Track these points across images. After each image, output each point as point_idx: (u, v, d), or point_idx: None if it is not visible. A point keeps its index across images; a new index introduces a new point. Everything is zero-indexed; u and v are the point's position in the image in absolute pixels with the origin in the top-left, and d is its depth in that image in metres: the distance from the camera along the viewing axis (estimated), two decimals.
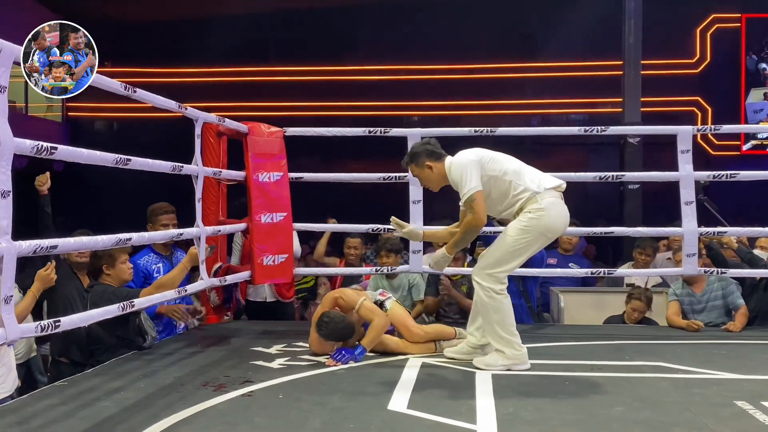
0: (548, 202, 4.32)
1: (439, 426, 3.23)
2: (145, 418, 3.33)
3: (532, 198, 4.31)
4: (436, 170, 4.46)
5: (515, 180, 4.35)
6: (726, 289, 5.76)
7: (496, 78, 14.86)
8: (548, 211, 4.31)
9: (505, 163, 4.40)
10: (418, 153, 4.51)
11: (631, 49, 10.72)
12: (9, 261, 3.12)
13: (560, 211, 4.39)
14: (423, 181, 4.63)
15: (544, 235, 4.37)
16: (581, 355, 4.80)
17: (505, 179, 4.35)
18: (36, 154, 3.31)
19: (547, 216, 4.30)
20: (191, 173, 5.07)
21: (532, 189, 4.32)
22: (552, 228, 4.37)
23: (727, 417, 3.37)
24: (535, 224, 4.29)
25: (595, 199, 12.78)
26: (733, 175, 5.87)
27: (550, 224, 4.34)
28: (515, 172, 4.37)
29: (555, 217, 4.35)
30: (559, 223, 4.40)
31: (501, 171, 4.35)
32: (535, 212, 4.29)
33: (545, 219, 4.30)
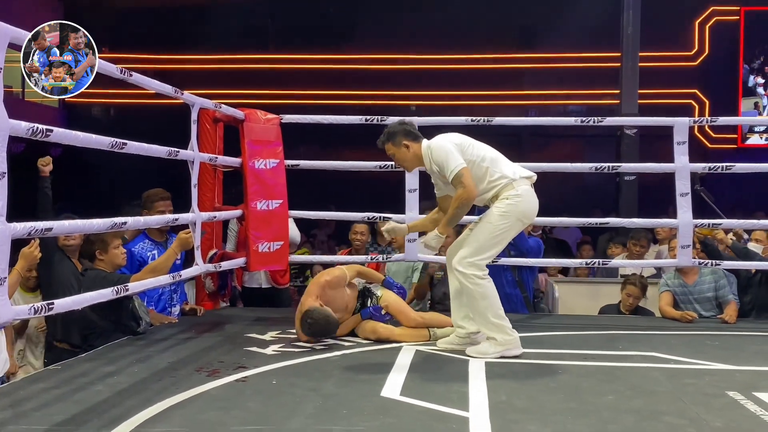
0: (524, 189, 4.44)
1: (431, 413, 3.24)
2: (138, 402, 3.34)
3: (509, 185, 4.42)
4: (413, 150, 4.52)
5: (492, 167, 4.44)
6: (718, 282, 5.77)
7: (495, 68, 14.83)
8: (524, 198, 4.43)
9: (483, 150, 4.50)
10: (395, 132, 4.56)
11: (629, 41, 10.68)
12: (3, 243, 3.11)
13: (533, 200, 4.51)
14: (399, 161, 4.64)
15: (521, 220, 4.48)
16: (574, 344, 4.81)
17: (483, 165, 4.43)
18: (31, 137, 3.30)
19: (524, 202, 4.43)
20: (187, 158, 5.07)
21: (508, 176, 4.43)
22: (527, 214, 4.50)
23: (719, 407, 3.38)
24: (513, 209, 4.39)
25: (592, 190, 12.80)
26: (729, 167, 5.87)
27: (526, 210, 4.46)
28: (492, 160, 4.47)
29: (530, 204, 4.48)
30: (533, 210, 4.53)
31: (479, 157, 4.44)
32: (512, 198, 4.39)
33: (522, 205, 4.41)
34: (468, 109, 13.72)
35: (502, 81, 14.68)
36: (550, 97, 15.12)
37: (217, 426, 3.03)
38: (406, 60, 14.99)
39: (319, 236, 11.87)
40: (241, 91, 13.95)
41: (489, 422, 3.10)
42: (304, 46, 14.94)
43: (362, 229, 6.43)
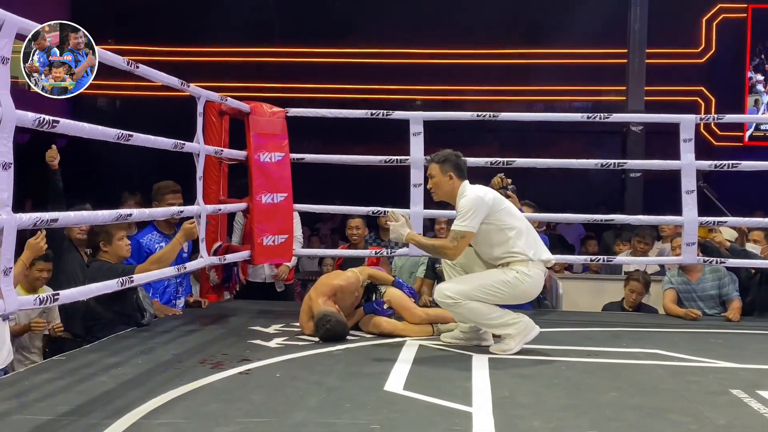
0: (535, 272, 4.44)
1: (434, 407, 3.24)
2: (142, 393, 3.35)
3: (524, 262, 4.40)
4: (452, 184, 4.50)
5: (515, 239, 4.41)
6: (721, 281, 5.77)
7: (501, 64, 14.79)
8: (533, 280, 4.43)
9: (514, 219, 4.47)
10: (449, 159, 4.54)
11: (636, 37, 10.66)
12: (9, 233, 3.12)
13: (538, 284, 4.51)
14: (435, 185, 4.61)
15: (517, 297, 4.49)
16: (578, 341, 4.81)
17: (508, 234, 4.41)
18: (38, 127, 3.31)
19: (530, 284, 4.42)
20: (193, 151, 5.06)
21: (528, 255, 4.40)
22: (525, 296, 4.54)
23: (722, 405, 3.38)
24: (517, 285, 4.38)
25: (597, 186, 12.77)
26: (735, 165, 5.86)
27: (527, 291, 4.48)
28: (519, 232, 4.43)
29: (533, 288, 4.49)
30: (532, 294, 4.58)
31: (508, 225, 4.42)
32: (522, 275, 4.39)
33: (526, 285, 4.41)
34: (474, 105, 13.68)
35: (508, 76, 14.64)
36: (557, 93, 15.07)
37: (221, 418, 3.03)
38: (412, 54, 14.95)
39: (323, 230, 11.87)
40: (247, 84, 13.94)
41: (492, 417, 3.10)
42: (309, 40, 14.92)
43: (357, 223, 6.43)
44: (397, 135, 6.03)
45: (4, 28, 3.08)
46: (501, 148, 5.14)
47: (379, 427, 2.95)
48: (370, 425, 2.97)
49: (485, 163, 5.90)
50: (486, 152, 6.12)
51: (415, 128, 5.90)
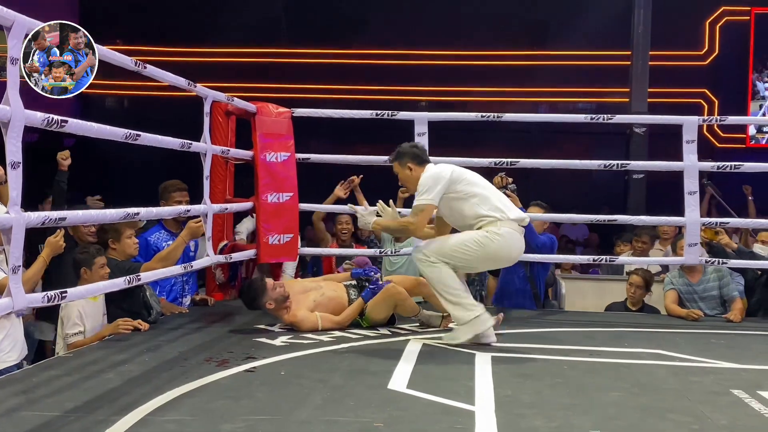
0: (506, 231, 4.44)
1: (437, 406, 3.24)
2: (148, 390, 3.35)
3: (494, 222, 4.44)
4: (415, 173, 4.59)
5: (480, 204, 4.47)
6: (722, 280, 5.75)
7: (506, 65, 14.77)
8: (503, 239, 4.44)
9: (475, 187, 4.53)
10: (403, 153, 4.67)
11: (639, 39, 10.65)
12: (18, 231, 3.13)
13: (513, 243, 4.51)
14: (402, 181, 4.75)
15: (491, 258, 4.53)
16: (581, 340, 4.81)
17: (471, 201, 4.49)
18: (47, 127, 3.31)
19: (501, 242, 4.43)
20: (199, 151, 5.08)
21: (494, 216, 4.44)
22: (500, 255, 4.54)
23: (724, 405, 3.37)
24: (487, 243, 4.41)
25: (600, 187, 12.75)
26: (738, 166, 5.84)
27: (499, 250, 4.48)
28: (483, 198, 4.49)
29: (507, 247, 4.48)
30: (509, 254, 4.57)
31: (470, 193, 4.49)
32: (492, 234, 4.42)
33: (497, 244, 4.42)
34: (478, 105, 13.67)
35: (512, 78, 14.62)
36: (561, 94, 15.04)
37: (226, 415, 3.04)
38: (417, 56, 14.94)
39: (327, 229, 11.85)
40: (254, 84, 13.96)
41: (495, 416, 3.09)
42: (316, 41, 14.92)
43: (346, 219, 6.47)
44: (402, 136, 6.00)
45: (13, 29, 3.10)
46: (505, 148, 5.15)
47: (383, 425, 2.95)
48: (374, 423, 2.97)
49: (489, 164, 5.90)
50: (490, 153, 6.11)
51: (420, 129, 5.90)
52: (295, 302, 4.87)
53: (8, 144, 3.07)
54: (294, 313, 4.82)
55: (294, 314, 4.82)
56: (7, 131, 3.06)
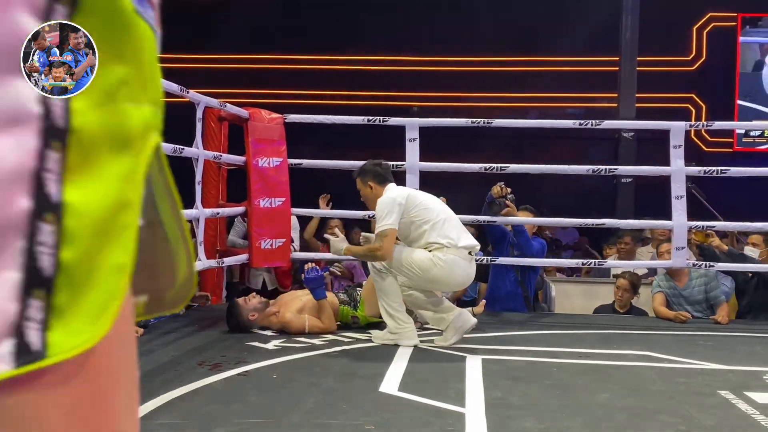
0: (450, 258, 4.48)
1: (428, 408, 3.25)
2: (142, 394, 3.26)
3: (440, 249, 4.48)
4: (376, 192, 4.68)
5: (430, 231, 4.51)
6: (708, 285, 5.78)
7: (496, 71, 14.82)
8: (445, 265, 4.46)
9: (429, 213, 4.57)
10: (366, 171, 4.77)
11: (627, 45, 10.68)
12: None
13: (455, 271, 4.52)
14: (364, 198, 4.84)
15: (432, 282, 4.55)
16: (570, 343, 4.82)
17: (423, 228, 4.54)
18: None
19: (442, 269, 4.47)
20: (192, 156, 5.08)
21: (441, 243, 4.49)
22: (441, 281, 4.58)
23: (710, 406, 3.39)
24: (429, 268, 4.47)
25: (589, 191, 12.79)
26: (724, 170, 5.88)
27: (440, 277, 4.51)
28: (434, 224, 4.52)
29: (448, 274, 4.50)
30: (451, 280, 4.62)
31: (422, 220, 4.54)
32: (436, 259, 4.48)
33: (438, 270, 4.47)
34: (469, 111, 13.70)
35: (502, 83, 14.67)
36: (550, 99, 15.09)
37: (219, 419, 3.04)
38: (408, 62, 14.97)
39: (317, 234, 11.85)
40: (246, 90, 13.95)
41: (485, 418, 3.10)
42: (308, 48, 14.94)
43: (336, 224, 6.48)
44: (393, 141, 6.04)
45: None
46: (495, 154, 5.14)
47: (374, 427, 2.96)
48: (365, 426, 2.97)
49: (479, 169, 5.92)
50: (480, 158, 6.13)
51: (411, 134, 5.92)
52: (283, 306, 4.91)
53: None
54: (282, 315, 4.87)
55: (282, 316, 4.87)
56: None
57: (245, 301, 4.95)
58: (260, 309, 4.89)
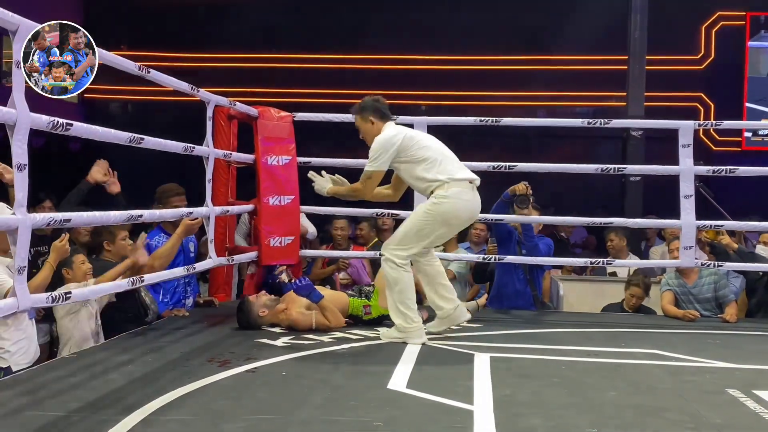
0: (454, 191, 4.52)
1: (437, 406, 3.24)
2: (151, 391, 3.35)
3: (441, 186, 4.53)
4: (376, 128, 4.71)
5: (429, 168, 4.56)
6: (718, 283, 5.75)
7: (504, 70, 14.78)
8: (451, 199, 4.51)
9: (427, 151, 4.62)
10: (366, 107, 4.79)
11: (636, 44, 10.63)
12: (24, 232, 3.13)
13: (464, 202, 4.57)
14: (362, 134, 4.83)
15: (447, 221, 4.58)
16: (578, 341, 4.81)
17: (420, 166, 4.59)
18: (52, 130, 3.32)
19: (449, 203, 4.51)
20: (202, 154, 5.08)
21: (441, 179, 4.53)
22: (453, 215, 4.58)
23: (719, 404, 3.37)
24: (436, 209, 4.52)
25: (597, 190, 12.75)
26: (733, 170, 5.84)
27: (451, 211, 4.54)
28: (432, 161, 4.58)
29: (457, 205, 4.54)
30: (461, 212, 4.61)
31: (420, 158, 4.59)
32: (438, 198, 4.52)
33: (446, 206, 4.51)
34: (477, 110, 13.67)
35: (511, 82, 14.64)
36: (558, 98, 15.04)
37: (228, 415, 3.04)
38: (416, 61, 14.95)
39: None
40: (256, 89, 13.96)
41: (493, 416, 3.09)
42: (317, 47, 14.94)
43: (342, 224, 6.56)
44: None
45: (19, 33, 3.10)
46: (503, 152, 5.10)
47: (382, 424, 2.95)
48: (374, 423, 2.97)
49: (487, 168, 5.89)
50: (488, 157, 6.10)
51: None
52: (291, 303, 4.92)
53: (14, 146, 3.07)
54: (289, 312, 4.87)
55: (289, 314, 4.87)
56: (13, 134, 3.07)
57: (256, 297, 4.96)
58: (270, 306, 4.89)
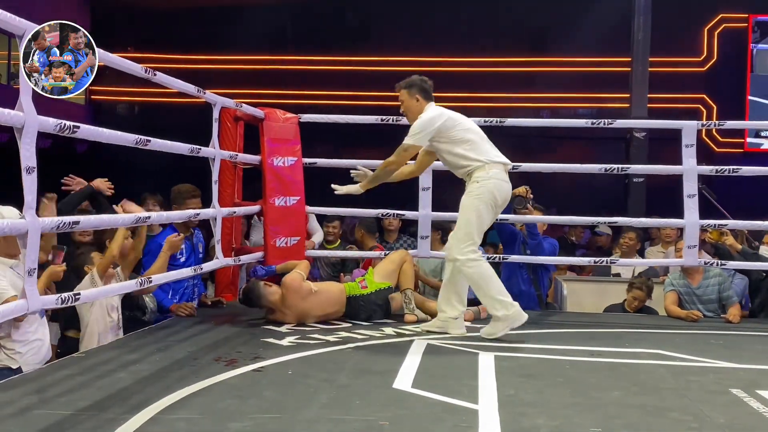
0: (494, 172, 4.68)
1: (441, 405, 3.24)
2: (159, 389, 3.36)
3: (481, 167, 4.67)
4: (419, 105, 4.83)
5: (470, 149, 4.71)
6: (722, 285, 5.73)
7: (508, 71, 14.78)
8: (492, 179, 4.66)
9: (468, 133, 4.77)
10: (414, 83, 4.90)
11: (639, 46, 10.64)
12: (33, 235, 3.14)
13: (503, 182, 4.73)
14: (405, 109, 4.94)
15: (495, 201, 4.69)
16: (582, 341, 4.79)
17: (461, 147, 4.72)
18: (59, 132, 3.32)
19: (492, 183, 4.65)
20: (208, 156, 5.09)
21: (482, 160, 4.68)
22: (498, 194, 4.70)
23: (722, 404, 3.36)
24: (484, 190, 4.63)
25: (601, 190, 12.74)
26: (736, 170, 5.83)
27: (496, 190, 4.67)
28: (473, 143, 4.72)
29: (499, 186, 4.69)
30: (502, 192, 4.73)
31: (461, 139, 4.73)
32: (482, 180, 4.64)
33: (491, 185, 4.65)
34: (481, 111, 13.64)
35: (515, 83, 14.64)
36: (562, 99, 15.04)
37: (234, 414, 3.04)
38: (420, 62, 14.93)
39: None
40: (261, 90, 13.98)
41: (498, 415, 3.09)
42: (321, 49, 14.96)
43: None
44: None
45: (25, 37, 3.11)
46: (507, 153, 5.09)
47: (387, 423, 2.95)
48: (379, 422, 2.97)
49: None
50: None
51: None
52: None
53: (22, 149, 3.07)
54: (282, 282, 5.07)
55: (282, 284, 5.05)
56: (21, 136, 3.07)
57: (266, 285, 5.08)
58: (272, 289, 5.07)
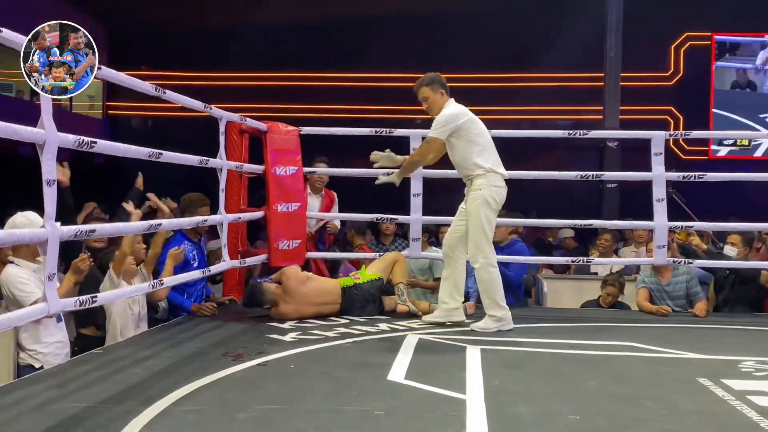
0: (494, 179, 4.76)
1: (432, 395, 3.23)
2: (171, 383, 3.34)
3: (483, 175, 4.74)
4: (443, 99, 4.91)
5: (479, 153, 4.77)
6: (689, 282, 5.74)
7: (492, 87, 14.79)
8: (492, 187, 4.74)
9: (482, 138, 4.83)
10: (436, 80, 4.99)
11: (612, 62, 10.68)
12: (53, 243, 3.12)
13: (501, 189, 4.81)
14: (430, 104, 4.97)
15: (495, 202, 4.74)
16: (561, 334, 4.79)
17: (473, 148, 4.77)
18: (78, 148, 3.31)
19: (494, 189, 4.75)
20: (216, 166, 5.08)
21: (485, 167, 4.74)
22: (497, 197, 4.77)
23: (690, 392, 3.37)
24: (485, 195, 4.71)
25: (577, 196, 12.76)
26: (701, 176, 5.85)
27: (495, 195, 4.75)
28: (483, 148, 4.79)
29: (499, 192, 4.78)
30: (501, 198, 4.81)
31: (475, 141, 4.79)
32: (484, 187, 4.72)
33: (491, 191, 4.73)
34: None
35: (498, 98, 14.65)
36: (541, 112, 15.06)
37: (240, 405, 3.03)
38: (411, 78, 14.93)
39: None
40: (264, 105, 13.99)
41: (484, 404, 3.08)
42: (321, 66, 14.96)
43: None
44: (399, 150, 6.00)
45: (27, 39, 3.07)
46: None
47: (383, 413, 2.95)
48: (375, 411, 2.96)
49: None
50: None
51: (415, 144, 5.90)
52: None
53: (44, 164, 3.05)
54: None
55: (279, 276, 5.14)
56: (42, 152, 3.05)
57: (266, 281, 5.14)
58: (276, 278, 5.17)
